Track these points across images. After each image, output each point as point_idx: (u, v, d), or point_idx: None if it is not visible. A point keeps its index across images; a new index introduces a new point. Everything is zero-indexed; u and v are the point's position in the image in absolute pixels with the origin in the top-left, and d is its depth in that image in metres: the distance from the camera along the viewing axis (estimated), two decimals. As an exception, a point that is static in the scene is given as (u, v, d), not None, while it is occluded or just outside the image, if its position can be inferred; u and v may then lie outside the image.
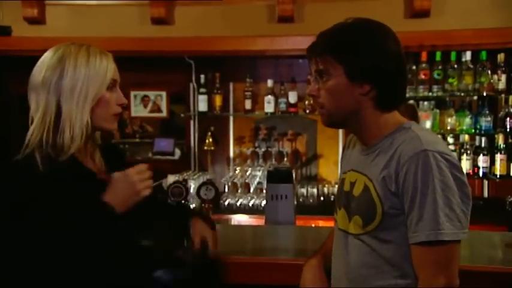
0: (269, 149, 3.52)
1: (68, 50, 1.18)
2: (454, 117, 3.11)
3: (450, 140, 3.26)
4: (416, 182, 1.03)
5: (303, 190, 3.45)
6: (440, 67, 3.05)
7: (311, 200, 3.42)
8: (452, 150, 3.01)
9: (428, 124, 3.10)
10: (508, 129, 3.01)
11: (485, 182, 3.25)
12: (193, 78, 3.48)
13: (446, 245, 1.02)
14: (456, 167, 1.06)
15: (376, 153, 1.15)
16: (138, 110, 3.74)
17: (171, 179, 3.16)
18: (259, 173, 3.40)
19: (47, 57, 1.19)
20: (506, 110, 3.04)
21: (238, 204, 3.32)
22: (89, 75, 1.15)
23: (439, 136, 1.24)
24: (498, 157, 3.02)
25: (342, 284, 1.20)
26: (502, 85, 3.01)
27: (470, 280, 1.41)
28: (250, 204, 3.30)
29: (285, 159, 3.48)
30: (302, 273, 1.33)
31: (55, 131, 1.15)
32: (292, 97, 3.35)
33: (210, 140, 3.48)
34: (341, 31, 1.15)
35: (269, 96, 3.35)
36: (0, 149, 3.47)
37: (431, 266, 1.04)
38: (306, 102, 3.37)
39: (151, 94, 3.72)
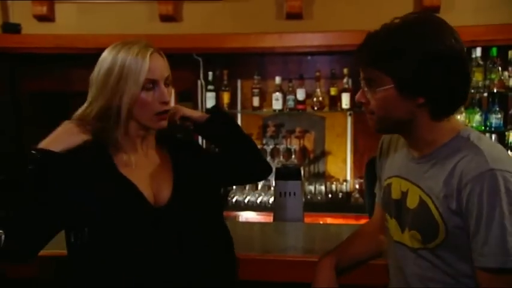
0: (277, 146, 3.51)
1: (116, 47, 1.20)
2: (464, 114, 3.08)
3: (460, 137, 3.23)
4: (481, 203, 0.97)
5: (311, 187, 3.45)
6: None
7: (319, 197, 3.42)
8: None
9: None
10: (518, 127, 2.98)
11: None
12: (201, 75, 3.49)
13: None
14: None
15: (430, 163, 1.08)
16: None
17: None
18: (267, 170, 3.40)
19: (104, 53, 1.23)
20: (517, 107, 3.01)
21: (246, 201, 3.33)
22: (122, 74, 1.15)
23: (501, 146, 1.16)
24: (509, 154, 2.99)
25: None
26: (512, 82, 2.98)
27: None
28: (258, 202, 3.31)
29: (293, 156, 3.48)
30: (314, 272, 1.31)
31: (101, 122, 1.18)
32: (300, 94, 3.34)
33: (218, 137, 3.48)
34: (387, 38, 1.03)
35: (277, 93, 3.34)
36: (12, 145, 3.51)
37: None
38: (314, 99, 3.36)
39: (160, 91, 3.72)
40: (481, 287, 1.02)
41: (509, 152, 2.99)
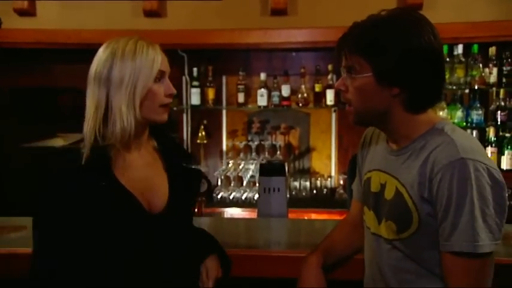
0: (262, 143, 3.52)
1: (117, 44, 1.19)
2: (445, 110, 3.13)
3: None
4: (451, 191, 1.00)
5: (296, 183, 3.47)
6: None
7: (304, 193, 3.44)
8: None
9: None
10: (498, 123, 3.04)
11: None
12: (186, 72, 3.47)
13: (479, 257, 1.00)
14: (493, 177, 1.01)
15: (407, 155, 1.11)
16: (130, 103, 3.71)
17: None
18: (252, 167, 3.41)
19: (99, 51, 1.20)
20: (497, 103, 3.06)
21: (231, 197, 3.33)
22: (136, 68, 1.15)
23: (474, 138, 1.20)
24: (489, 150, 3.04)
25: (378, 286, 1.19)
26: (493, 78, 3.03)
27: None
28: (243, 198, 3.31)
29: (278, 152, 3.49)
30: (301, 271, 1.31)
31: (105, 124, 1.16)
32: (285, 90, 3.35)
33: (203, 133, 3.48)
34: (372, 28, 1.06)
35: (262, 89, 3.35)
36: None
37: (462, 275, 1.02)
38: (299, 95, 3.37)
39: (144, 87, 3.69)
40: (447, 271, 1.05)
41: (489, 147, 3.04)
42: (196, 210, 1.42)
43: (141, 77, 1.14)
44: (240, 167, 3.43)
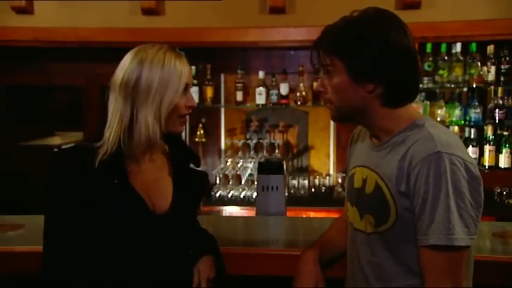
0: (260, 141, 3.52)
1: (146, 53, 1.17)
2: (444, 108, 3.14)
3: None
4: (428, 184, 1.01)
5: (294, 182, 3.47)
6: (430, 59, 3.07)
7: (302, 192, 3.44)
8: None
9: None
10: (497, 121, 3.04)
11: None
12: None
13: (455, 250, 1.01)
14: (470, 171, 1.02)
15: (387, 150, 1.13)
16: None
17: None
18: (250, 165, 3.41)
19: (127, 59, 1.18)
20: (496, 101, 3.07)
21: (229, 195, 3.33)
22: (164, 80, 1.15)
23: (454, 134, 1.21)
24: (487, 148, 3.05)
25: (358, 283, 1.19)
26: (491, 77, 3.04)
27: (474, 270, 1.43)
28: (242, 196, 3.31)
29: (276, 150, 3.49)
30: (298, 265, 1.32)
31: (130, 133, 1.16)
32: (284, 89, 3.35)
33: (201, 131, 3.48)
34: (344, 28, 1.10)
35: (260, 87, 3.34)
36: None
37: (439, 269, 1.03)
38: (298, 93, 3.37)
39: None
40: (422, 265, 1.05)
41: (487, 145, 3.05)
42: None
43: (169, 89, 1.15)
44: (239, 165, 3.43)
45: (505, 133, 3.08)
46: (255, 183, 2.97)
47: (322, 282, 1.29)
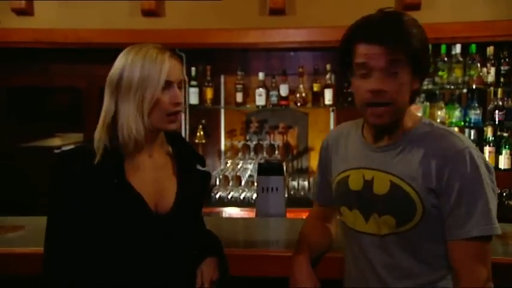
0: (260, 142, 3.52)
1: (131, 52, 1.19)
2: (443, 110, 3.13)
3: (440, 132, 3.28)
4: (464, 179, 1.05)
5: (294, 183, 3.47)
6: (430, 60, 3.07)
7: (302, 193, 3.44)
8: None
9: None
10: (496, 122, 3.04)
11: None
12: (184, 71, 3.44)
13: (488, 239, 1.07)
14: (488, 164, 1.11)
15: (398, 150, 1.13)
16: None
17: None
18: (250, 166, 3.41)
19: (117, 58, 1.21)
20: (495, 102, 3.07)
21: (229, 197, 3.32)
22: (144, 77, 1.16)
23: None
24: (487, 149, 3.05)
25: (370, 283, 1.19)
26: (491, 78, 3.04)
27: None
28: (242, 197, 3.31)
29: (276, 152, 3.49)
30: (292, 271, 1.31)
31: (113, 131, 1.18)
32: (284, 90, 3.35)
33: (201, 133, 3.47)
34: (410, 26, 1.09)
35: (260, 89, 3.35)
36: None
37: (476, 259, 1.06)
38: (297, 95, 3.37)
39: (142, 87, 3.68)
40: (457, 258, 1.07)
41: (487, 147, 3.05)
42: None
43: (149, 85, 1.16)
44: (239, 166, 3.43)
45: (505, 134, 3.08)
46: (255, 184, 2.97)
47: (319, 284, 1.29)
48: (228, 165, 3.49)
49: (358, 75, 1.10)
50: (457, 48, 3.05)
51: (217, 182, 3.44)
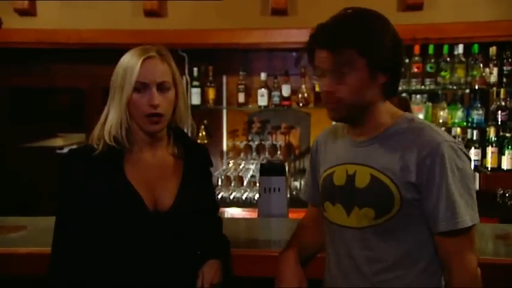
0: (262, 142, 3.52)
1: (128, 53, 1.24)
2: (446, 110, 3.13)
3: (442, 133, 3.27)
4: (444, 172, 1.06)
5: (296, 183, 3.47)
6: (433, 60, 3.07)
7: (304, 193, 3.43)
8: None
9: (420, 117, 3.12)
10: (499, 122, 3.04)
11: (477, 175, 3.28)
12: (186, 71, 3.46)
13: (472, 228, 1.09)
14: (467, 155, 1.12)
15: (379, 144, 1.15)
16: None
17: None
18: (252, 166, 3.40)
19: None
20: (498, 103, 3.06)
21: (231, 197, 3.32)
22: (120, 77, 1.20)
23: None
24: (489, 150, 3.04)
25: (353, 280, 1.18)
26: (493, 78, 3.03)
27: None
28: (244, 198, 3.31)
29: (278, 152, 3.48)
30: (278, 266, 1.29)
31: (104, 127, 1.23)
32: (286, 90, 3.35)
33: (203, 133, 3.48)
34: (357, 23, 1.10)
35: (262, 89, 3.34)
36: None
37: (465, 249, 1.09)
38: (299, 95, 3.37)
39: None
40: (446, 250, 1.10)
41: (490, 147, 3.04)
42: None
43: (125, 86, 1.19)
44: (241, 167, 3.43)
45: (508, 135, 3.07)
46: (257, 184, 2.97)
47: (305, 282, 1.27)
48: (230, 165, 3.49)
49: (317, 77, 1.18)
50: (460, 49, 3.04)
51: (219, 183, 3.44)
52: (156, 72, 1.21)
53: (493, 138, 3.05)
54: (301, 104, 3.38)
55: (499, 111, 3.03)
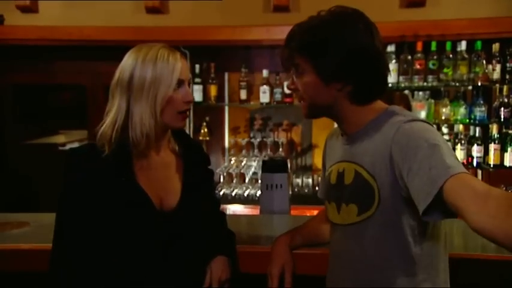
0: (264, 139, 3.52)
1: (140, 51, 1.20)
2: (448, 107, 3.12)
3: (445, 130, 3.27)
4: (411, 151, 0.99)
5: (298, 180, 3.47)
6: (435, 57, 3.06)
7: (306, 190, 3.44)
8: (447, 140, 3.02)
9: (423, 114, 3.11)
10: (502, 119, 3.02)
11: (479, 172, 3.27)
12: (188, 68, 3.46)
13: (464, 172, 0.96)
14: (431, 126, 1.08)
15: (360, 139, 1.14)
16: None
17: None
18: (254, 163, 3.41)
19: (124, 58, 1.22)
20: (501, 100, 3.05)
21: (233, 194, 3.33)
22: (156, 75, 1.18)
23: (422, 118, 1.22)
24: (492, 147, 3.03)
25: (340, 279, 1.19)
26: (496, 75, 3.02)
27: (465, 268, 1.43)
28: (246, 194, 3.31)
29: (280, 149, 3.48)
30: (272, 245, 1.38)
31: (125, 130, 1.19)
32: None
33: (205, 130, 3.48)
34: (310, 29, 1.13)
35: (264, 86, 3.34)
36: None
37: (471, 187, 0.95)
38: (301, 92, 3.37)
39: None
40: (457, 199, 0.93)
41: (492, 144, 3.03)
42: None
43: (162, 84, 1.18)
44: (242, 163, 3.43)
45: (510, 131, 3.06)
46: (259, 181, 2.97)
47: (290, 264, 1.33)
48: (232, 162, 3.49)
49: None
50: (462, 45, 3.03)
51: (221, 180, 3.44)
52: (188, 69, 1.25)
53: (495, 135, 3.04)
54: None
55: (502, 108, 3.02)
